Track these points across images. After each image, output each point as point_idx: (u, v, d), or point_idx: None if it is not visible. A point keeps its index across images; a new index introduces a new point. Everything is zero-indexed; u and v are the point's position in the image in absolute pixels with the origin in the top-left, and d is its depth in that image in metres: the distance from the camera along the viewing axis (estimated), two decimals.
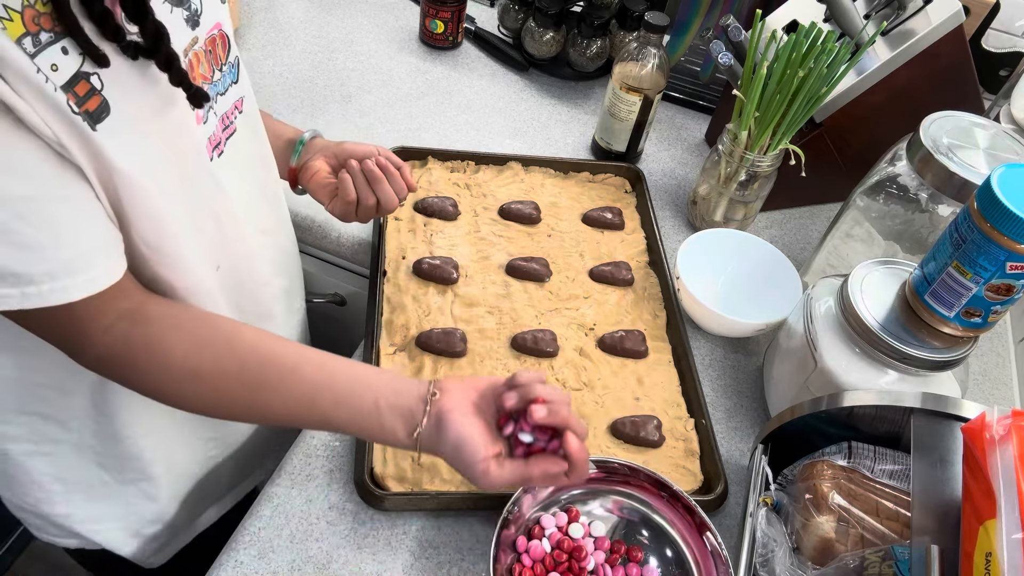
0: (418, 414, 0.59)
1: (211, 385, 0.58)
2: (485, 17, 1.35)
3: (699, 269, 0.88)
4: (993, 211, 0.58)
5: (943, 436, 0.56)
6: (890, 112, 0.97)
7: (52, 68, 0.44)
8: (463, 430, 0.57)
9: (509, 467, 0.58)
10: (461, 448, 0.57)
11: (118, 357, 0.56)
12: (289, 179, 0.79)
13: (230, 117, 0.63)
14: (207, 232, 0.62)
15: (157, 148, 0.53)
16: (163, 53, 0.50)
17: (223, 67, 0.61)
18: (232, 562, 0.64)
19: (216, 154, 0.61)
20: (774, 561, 0.58)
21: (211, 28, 0.58)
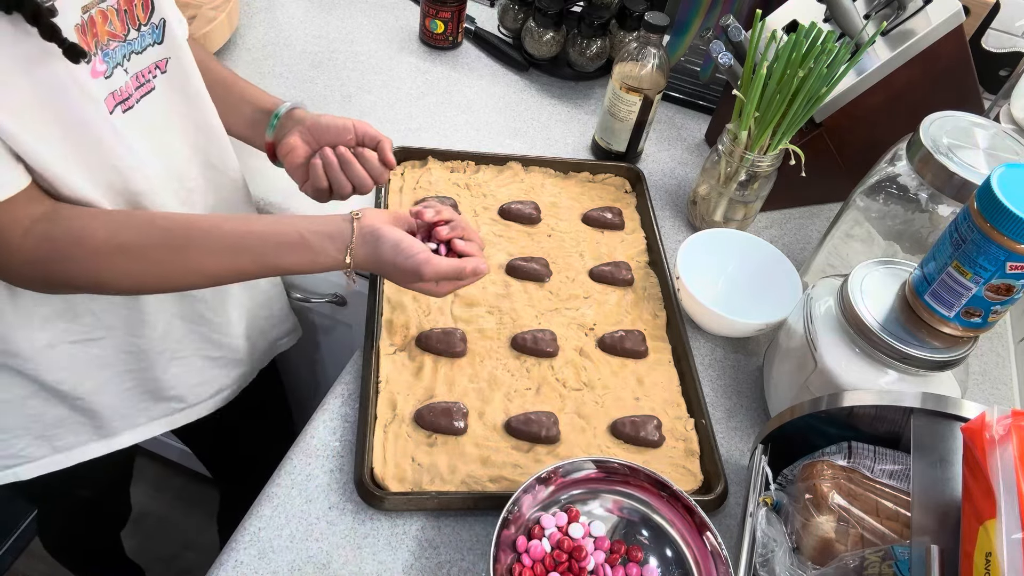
0: (346, 233, 0.66)
1: (139, 255, 0.62)
2: (485, 17, 1.35)
3: (699, 269, 0.88)
4: (993, 211, 0.58)
5: (943, 436, 0.56)
6: (890, 112, 0.97)
7: None
8: (397, 234, 0.67)
9: (444, 259, 0.68)
10: (399, 246, 0.66)
11: (45, 254, 0.59)
12: (267, 152, 0.79)
13: (146, 75, 0.64)
14: (110, 183, 0.63)
15: (30, 96, 0.55)
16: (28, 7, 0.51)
17: (141, 27, 0.63)
18: (232, 562, 0.64)
19: (121, 109, 0.62)
20: (774, 561, 0.58)
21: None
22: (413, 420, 0.74)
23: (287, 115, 0.78)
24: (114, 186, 0.64)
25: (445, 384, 0.78)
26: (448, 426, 0.73)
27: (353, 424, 0.75)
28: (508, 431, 0.75)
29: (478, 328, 0.83)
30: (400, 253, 0.67)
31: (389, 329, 0.81)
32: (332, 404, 0.76)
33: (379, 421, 0.74)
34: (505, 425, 0.76)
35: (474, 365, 0.80)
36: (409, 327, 0.82)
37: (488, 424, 0.75)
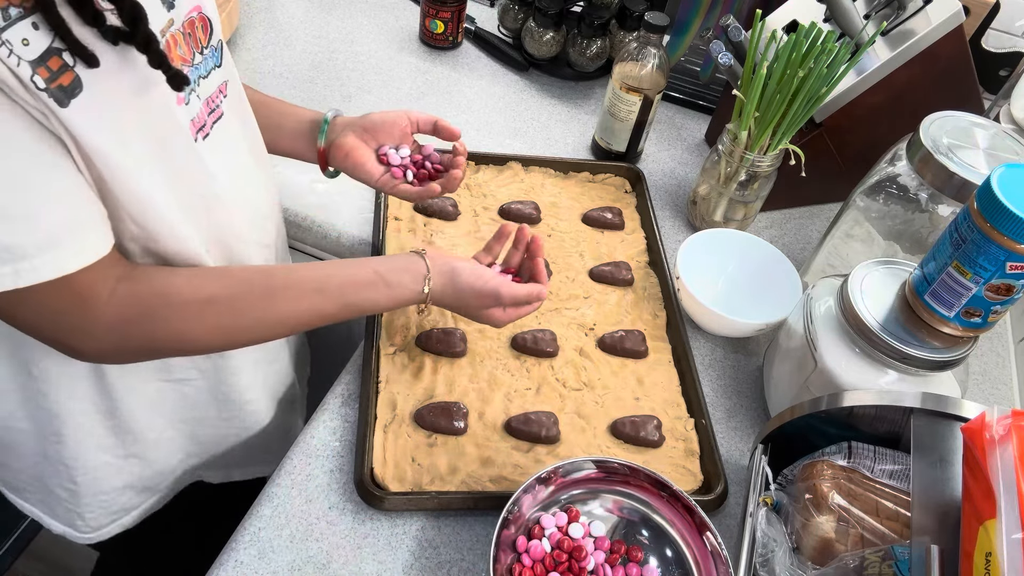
0: (420, 265, 0.68)
1: (227, 307, 0.60)
2: (485, 17, 1.35)
3: (699, 269, 0.88)
4: (993, 211, 0.58)
5: (943, 436, 0.56)
6: (890, 112, 0.97)
7: (23, 43, 0.44)
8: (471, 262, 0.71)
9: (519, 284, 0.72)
10: (477, 271, 0.70)
11: (133, 314, 0.56)
12: (319, 161, 0.80)
13: (215, 100, 0.63)
14: (196, 214, 0.62)
15: (136, 127, 0.53)
16: (141, 34, 0.50)
17: (204, 50, 0.61)
18: (232, 562, 0.64)
19: (201, 136, 0.61)
20: (774, 561, 0.58)
21: (190, 10, 0.58)
22: (413, 420, 0.74)
23: (334, 121, 0.78)
24: (200, 218, 0.63)
25: (445, 384, 0.78)
26: (448, 426, 0.73)
27: (353, 424, 0.75)
28: (508, 431, 0.75)
29: (478, 328, 0.83)
30: (479, 278, 0.69)
31: (389, 329, 0.81)
32: (332, 404, 0.76)
33: (379, 421, 0.74)
34: (505, 425, 0.76)
35: (474, 365, 0.80)
36: (409, 327, 0.82)
37: (488, 424, 0.75)
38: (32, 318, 0.53)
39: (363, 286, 0.66)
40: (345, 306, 0.65)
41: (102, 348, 0.57)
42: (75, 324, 0.54)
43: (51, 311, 0.53)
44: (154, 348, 0.60)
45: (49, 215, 0.49)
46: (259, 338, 0.64)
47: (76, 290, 0.52)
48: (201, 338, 0.60)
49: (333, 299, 0.64)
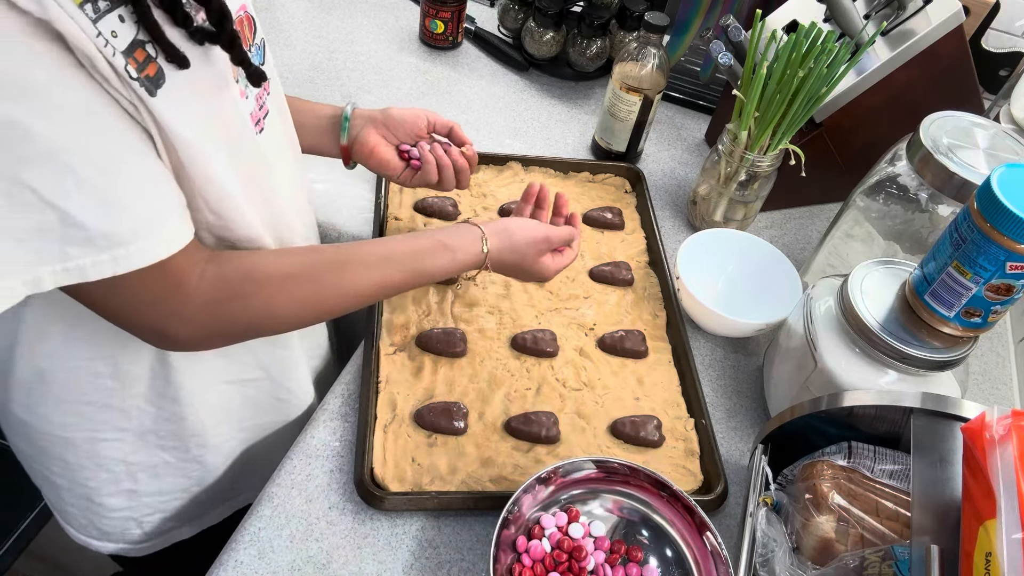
0: (475, 229, 0.73)
1: (307, 279, 0.62)
2: (485, 17, 1.35)
3: (699, 269, 0.88)
4: (993, 211, 0.58)
5: (943, 436, 0.56)
6: (890, 112, 0.97)
7: (112, 35, 0.45)
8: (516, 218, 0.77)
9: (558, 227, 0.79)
10: (527, 222, 0.76)
11: (223, 294, 0.58)
12: (342, 156, 0.82)
13: (262, 97, 0.64)
14: (257, 204, 0.63)
15: (212, 119, 0.54)
16: (227, 34, 0.51)
17: (251, 48, 0.62)
18: (232, 562, 0.64)
19: (258, 130, 0.62)
20: (774, 561, 0.58)
21: (238, 9, 0.59)
22: (413, 420, 0.74)
23: (353, 115, 0.80)
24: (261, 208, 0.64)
25: (445, 384, 0.78)
26: (448, 426, 0.73)
27: (353, 424, 0.75)
28: (508, 431, 0.75)
29: (478, 328, 0.83)
30: (529, 226, 0.76)
31: (389, 329, 0.81)
32: (332, 404, 0.76)
33: (379, 421, 0.74)
34: (505, 425, 0.76)
35: (474, 365, 0.80)
36: (409, 327, 0.82)
37: (488, 424, 0.75)
38: (127, 306, 0.54)
39: (427, 252, 0.69)
40: (413, 273, 0.68)
41: (196, 332, 0.58)
42: (170, 309, 0.55)
43: (146, 298, 0.54)
44: (246, 326, 0.61)
45: (142, 202, 0.49)
46: (337, 308, 0.65)
47: (169, 275, 0.53)
48: (287, 311, 0.62)
49: (401, 267, 0.67)
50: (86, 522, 0.78)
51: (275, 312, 0.61)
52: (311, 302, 0.63)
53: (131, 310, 0.55)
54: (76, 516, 0.78)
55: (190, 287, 0.55)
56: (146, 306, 0.54)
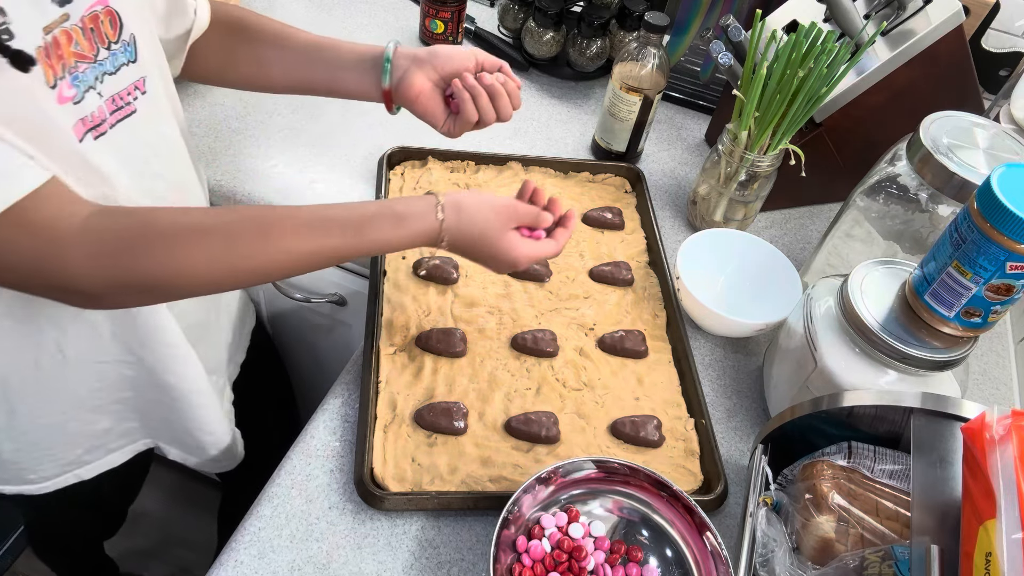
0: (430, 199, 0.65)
1: (221, 235, 0.57)
2: (485, 17, 1.35)
3: (699, 269, 0.88)
4: (993, 211, 0.58)
5: (943, 436, 0.56)
6: (890, 112, 0.97)
7: None
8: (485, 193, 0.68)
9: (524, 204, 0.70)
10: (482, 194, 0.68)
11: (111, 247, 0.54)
12: (384, 99, 0.77)
13: (126, 98, 0.61)
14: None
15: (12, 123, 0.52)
16: None
17: (112, 45, 0.59)
18: (232, 562, 0.64)
19: (92, 136, 0.58)
20: (774, 561, 0.58)
21: (92, 4, 0.56)
22: (413, 420, 0.74)
23: (395, 55, 0.75)
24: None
25: (445, 384, 0.78)
26: (448, 426, 0.73)
27: (353, 424, 0.75)
28: (508, 431, 0.75)
29: (478, 328, 0.83)
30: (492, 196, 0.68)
31: (389, 329, 0.81)
32: (332, 404, 0.76)
33: (379, 421, 0.74)
34: (505, 425, 0.76)
35: (474, 365, 0.80)
36: (409, 327, 0.82)
37: (488, 424, 0.75)
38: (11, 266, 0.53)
39: (372, 220, 0.62)
40: (353, 241, 0.62)
41: (91, 286, 0.55)
42: (54, 266, 0.53)
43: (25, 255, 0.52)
44: (148, 282, 0.56)
45: None
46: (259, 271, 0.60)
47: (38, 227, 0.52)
48: (195, 269, 0.57)
49: (340, 233, 0.61)
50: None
51: (181, 268, 0.56)
52: (224, 260, 0.57)
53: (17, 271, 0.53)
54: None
55: (69, 238, 0.53)
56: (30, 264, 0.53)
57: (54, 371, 0.70)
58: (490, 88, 0.74)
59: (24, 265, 0.53)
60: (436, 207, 0.65)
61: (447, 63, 0.74)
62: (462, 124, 0.76)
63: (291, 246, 0.60)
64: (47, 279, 0.55)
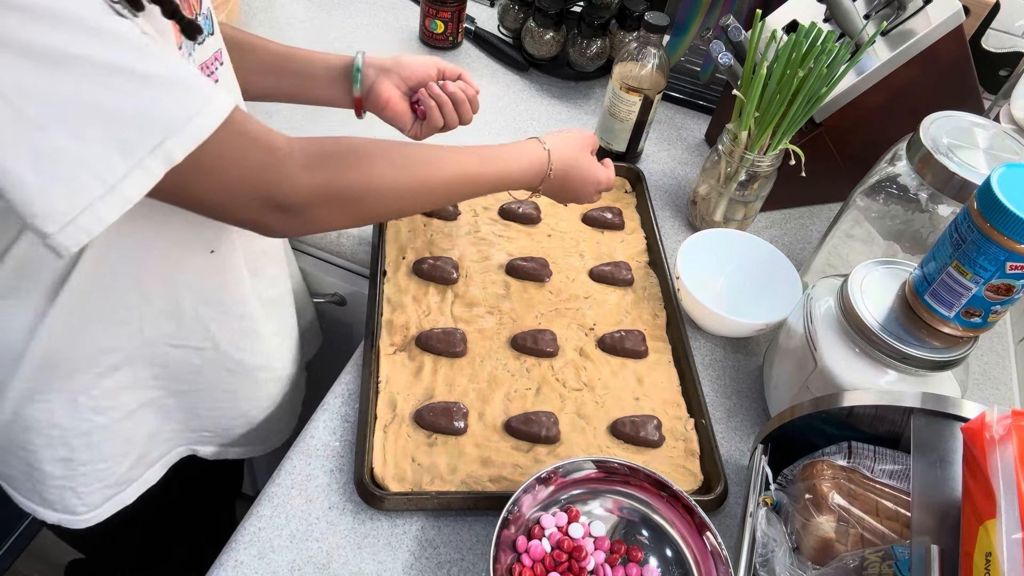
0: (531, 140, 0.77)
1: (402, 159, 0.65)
2: (485, 17, 1.35)
3: (699, 269, 0.88)
4: (993, 211, 0.58)
5: (943, 436, 0.56)
6: (890, 112, 0.97)
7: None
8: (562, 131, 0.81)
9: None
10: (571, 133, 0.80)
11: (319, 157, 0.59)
12: (355, 107, 0.83)
13: (211, 67, 0.64)
14: None
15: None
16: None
17: (197, 16, 0.61)
18: (232, 562, 0.64)
19: None
20: (774, 561, 0.58)
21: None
22: (413, 420, 0.74)
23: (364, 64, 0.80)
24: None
25: (445, 384, 0.78)
26: (448, 426, 0.73)
27: (353, 424, 0.75)
28: (508, 431, 0.75)
29: (478, 328, 0.83)
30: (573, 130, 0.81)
31: (389, 329, 0.81)
32: (332, 404, 0.76)
33: (379, 421, 0.74)
34: (505, 425, 0.76)
35: (474, 365, 0.80)
36: (409, 327, 0.82)
37: (488, 424, 0.75)
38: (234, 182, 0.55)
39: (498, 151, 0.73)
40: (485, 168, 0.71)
41: (301, 198, 0.58)
42: (274, 176, 0.56)
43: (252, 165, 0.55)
44: (349, 193, 0.61)
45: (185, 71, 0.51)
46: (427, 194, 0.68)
47: (256, 137, 0.55)
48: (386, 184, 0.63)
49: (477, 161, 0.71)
50: (29, 488, 0.76)
51: (375, 182, 0.62)
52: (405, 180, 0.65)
53: (238, 185, 0.55)
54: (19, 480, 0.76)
55: (283, 151, 0.57)
56: (251, 174, 0.55)
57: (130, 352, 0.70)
58: (453, 96, 0.81)
59: (249, 178, 0.55)
60: (540, 142, 0.76)
61: (412, 73, 0.81)
62: (428, 129, 0.83)
63: (448, 171, 0.68)
64: (266, 191, 0.57)
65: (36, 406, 0.68)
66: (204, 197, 0.55)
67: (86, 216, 0.47)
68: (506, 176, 0.73)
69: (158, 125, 0.48)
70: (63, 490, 0.76)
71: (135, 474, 0.80)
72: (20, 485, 0.77)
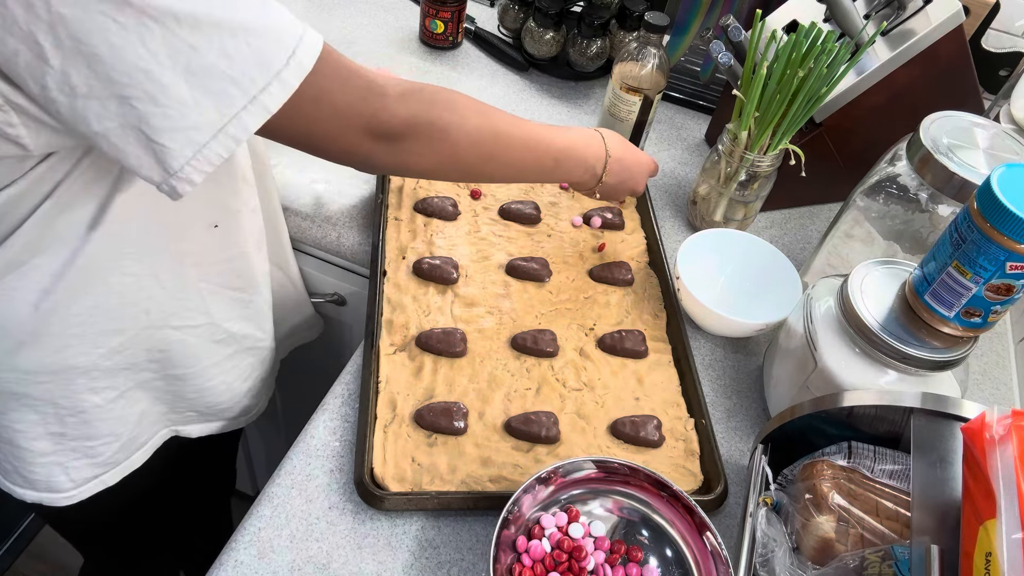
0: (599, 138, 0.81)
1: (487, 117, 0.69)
2: (485, 17, 1.35)
3: (699, 269, 0.88)
4: (993, 211, 0.58)
5: (943, 436, 0.56)
6: (890, 112, 0.97)
7: None
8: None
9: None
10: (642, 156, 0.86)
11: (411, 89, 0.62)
12: None
13: None
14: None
15: None
16: None
17: None
18: (232, 562, 0.64)
19: None
20: (774, 561, 0.58)
21: None
22: (413, 420, 0.74)
23: None
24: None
25: (445, 384, 0.78)
26: (448, 426, 0.73)
27: (353, 424, 0.75)
28: (508, 431, 0.75)
29: (478, 328, 0.83)
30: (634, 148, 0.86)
31: (389, 329, 0.81)
32: (332, 404, 0.76)
33: (379, 421, 0.74)
34: (505, 425, 0.76)
35: (474, 365, 0.80)
36: (409, 327, 0.82)
37: (488, 424, 0.75)
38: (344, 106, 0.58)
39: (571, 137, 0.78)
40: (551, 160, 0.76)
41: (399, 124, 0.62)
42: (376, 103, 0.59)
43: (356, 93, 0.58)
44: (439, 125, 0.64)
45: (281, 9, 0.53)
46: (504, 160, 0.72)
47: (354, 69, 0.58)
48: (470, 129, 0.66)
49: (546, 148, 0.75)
50: (9, 468, 0.76)
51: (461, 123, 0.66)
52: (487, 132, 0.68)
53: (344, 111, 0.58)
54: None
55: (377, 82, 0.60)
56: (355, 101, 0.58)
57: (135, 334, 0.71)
58: None
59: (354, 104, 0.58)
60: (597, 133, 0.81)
61: None
62: None
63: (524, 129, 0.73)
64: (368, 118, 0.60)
65: (36, 386, 0.69)
66: (315, 126, 0.58)
67: (234, 124, 0.51)
68: (571, 150, 0.76)
69: (288, 38, 0.52)
70: (50, 467, 0.76)
71: (121, 457, 0.80)
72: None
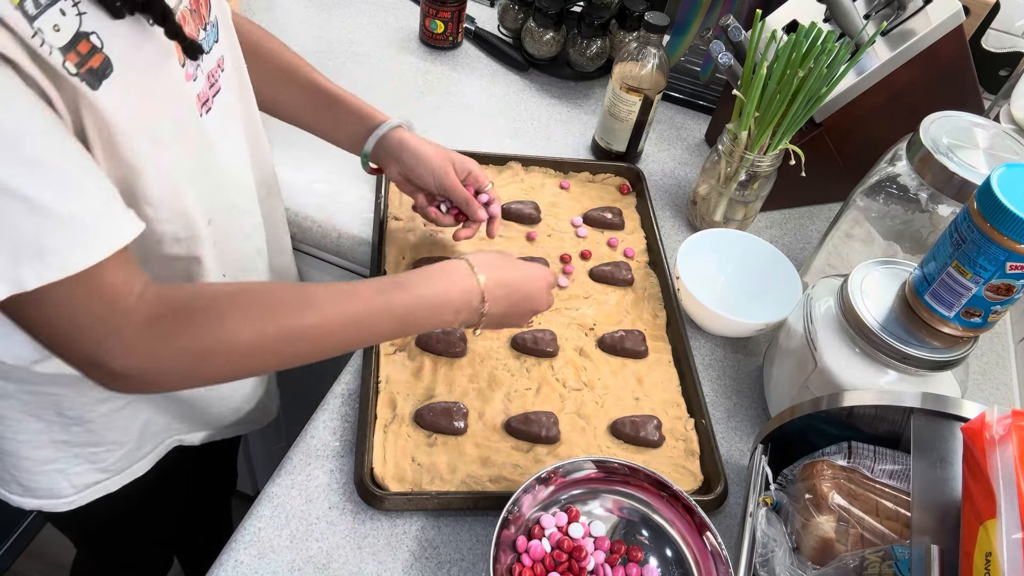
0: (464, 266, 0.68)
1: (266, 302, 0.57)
2: (485, 17, 1.35)
3: (699, 269, 0.88)
4: (993, 211, 0.58)
5: (943, 436, 0.56)
6: (890, 112, 0.97)
7: (54, 29, 0.44)
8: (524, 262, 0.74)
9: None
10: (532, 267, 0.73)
11: (166, 313, 0.53)
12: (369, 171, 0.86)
13: (215, 75, 0.65)
14: (202, 186, 0.63)
15: (155, 104, 0.54)
16: (159, 5, 0.50)
17: (207, 26, 0.62)
18: (232, 562, 0.64)
19: (204, 111, 0.63)
20: (774, 561, 0.58)
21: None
22: (413, 420, 0.74)
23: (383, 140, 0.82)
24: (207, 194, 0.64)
25: (445, 384, 0.78)
26: (448, 426, 0.73)
27: (353, 424, 0.75)
28: (508, 431, 0.75)
29: None
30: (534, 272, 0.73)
31: None
32: (332, 404, 0.76)
33: (379, 421, 0.74)
34: (505, 425, 0.76)
35: (474, 365, 0.80)
36: None
37: (488, 424, 0.75)
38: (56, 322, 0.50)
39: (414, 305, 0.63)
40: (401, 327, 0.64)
41: (136, 362, 0.52)
42: (105, 332, 0.51)
43: (77, 312, 0.50)
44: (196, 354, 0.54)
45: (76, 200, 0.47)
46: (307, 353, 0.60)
47: (104, 286, 0.50)
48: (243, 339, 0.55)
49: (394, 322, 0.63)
50: (8, 477, 0.75)
51: (232, 337, 0.54)
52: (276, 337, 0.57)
53: (63, 330, 0.50)
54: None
55: (127, 305, 0.51)
56: (77, 323, 0.50)
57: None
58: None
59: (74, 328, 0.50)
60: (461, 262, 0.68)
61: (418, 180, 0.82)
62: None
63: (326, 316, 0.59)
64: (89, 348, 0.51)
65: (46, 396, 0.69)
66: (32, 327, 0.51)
67: None
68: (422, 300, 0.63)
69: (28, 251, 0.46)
70: (52, 474, 0.76)
71: (123, 464, 0.80)
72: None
